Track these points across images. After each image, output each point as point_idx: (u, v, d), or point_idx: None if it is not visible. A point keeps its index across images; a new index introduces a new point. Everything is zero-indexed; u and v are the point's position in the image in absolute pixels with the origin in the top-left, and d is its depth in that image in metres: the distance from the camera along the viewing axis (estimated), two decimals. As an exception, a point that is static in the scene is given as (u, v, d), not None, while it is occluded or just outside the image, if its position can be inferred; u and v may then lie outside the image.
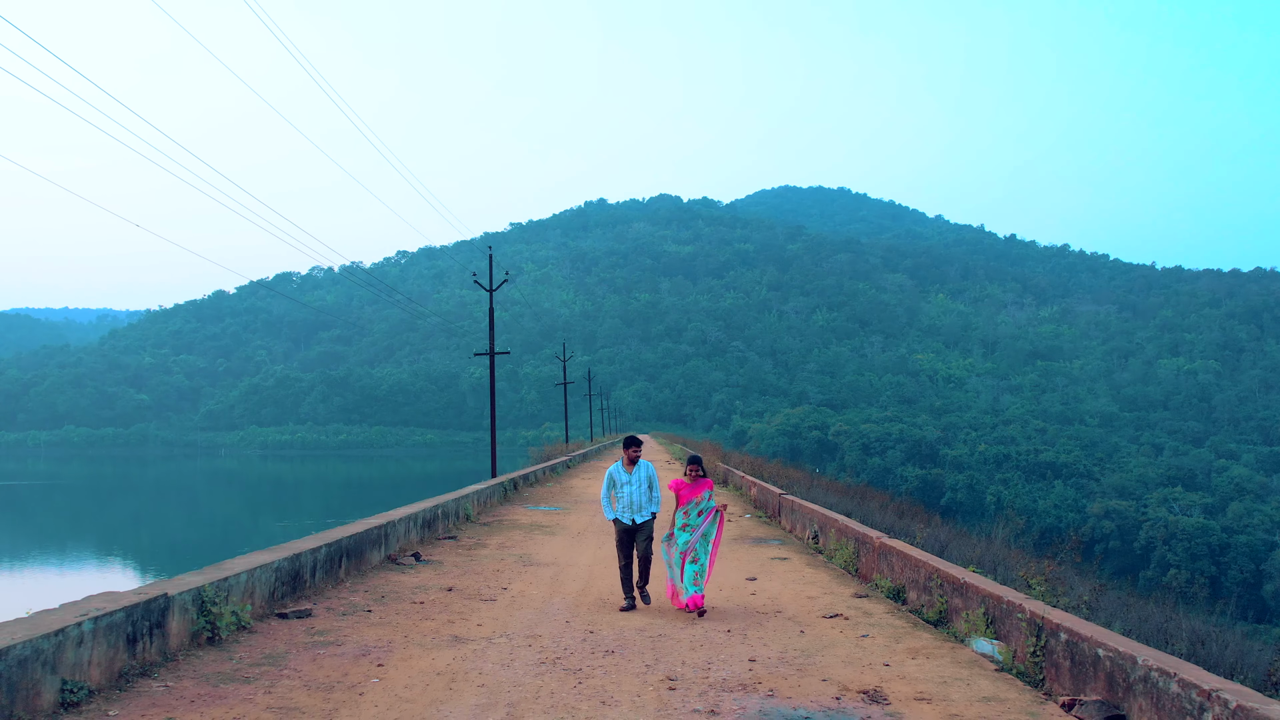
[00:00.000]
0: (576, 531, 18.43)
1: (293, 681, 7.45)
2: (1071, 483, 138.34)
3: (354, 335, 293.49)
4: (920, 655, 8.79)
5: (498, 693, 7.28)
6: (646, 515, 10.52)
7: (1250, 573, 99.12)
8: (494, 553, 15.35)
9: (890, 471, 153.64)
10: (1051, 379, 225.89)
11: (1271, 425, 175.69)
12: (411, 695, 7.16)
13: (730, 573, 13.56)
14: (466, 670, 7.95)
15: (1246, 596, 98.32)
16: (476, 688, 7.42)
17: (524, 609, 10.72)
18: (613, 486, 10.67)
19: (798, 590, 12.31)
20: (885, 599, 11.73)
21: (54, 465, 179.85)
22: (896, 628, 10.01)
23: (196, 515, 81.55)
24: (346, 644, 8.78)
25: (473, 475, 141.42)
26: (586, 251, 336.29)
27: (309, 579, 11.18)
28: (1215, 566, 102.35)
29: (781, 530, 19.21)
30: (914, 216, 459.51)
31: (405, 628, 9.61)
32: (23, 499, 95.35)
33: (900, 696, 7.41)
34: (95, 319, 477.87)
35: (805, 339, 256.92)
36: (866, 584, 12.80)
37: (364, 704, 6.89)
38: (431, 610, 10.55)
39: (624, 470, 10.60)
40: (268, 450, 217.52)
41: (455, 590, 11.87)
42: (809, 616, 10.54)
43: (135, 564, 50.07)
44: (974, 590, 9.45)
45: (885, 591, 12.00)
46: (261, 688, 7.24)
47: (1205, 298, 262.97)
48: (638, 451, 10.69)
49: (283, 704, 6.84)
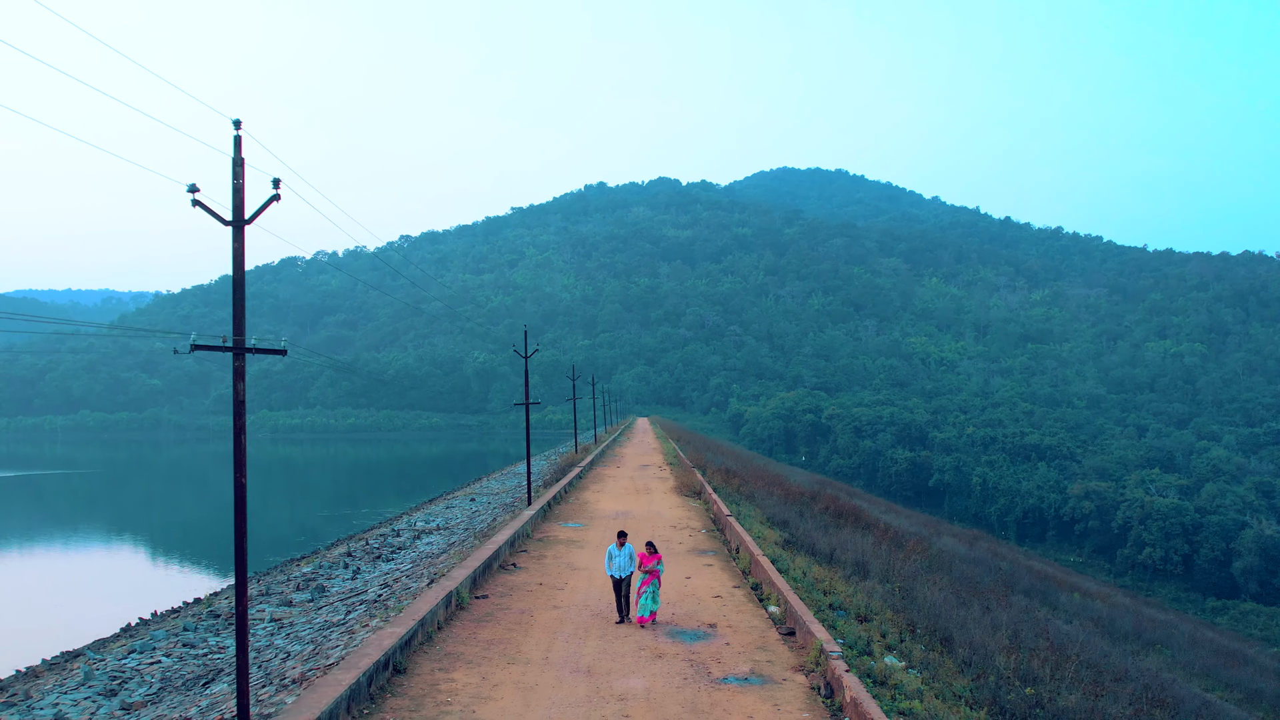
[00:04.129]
0: (596, 545, 25.18)
1: (508, 616, 15.95)
2: (1055, 464, 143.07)
3: (359, 320, 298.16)
4: (744, 613, 17.26)
5: (577, 622, 15.57)
6: (627, 573, 17.13)
7: (1221, 551, 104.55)
8: (551, 562, 22.56)
9: (881, 454, 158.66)
10: (1042, 362, 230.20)
11: (1253, 407, 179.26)
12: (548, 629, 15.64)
13: (677, 573, 21.36)
14: (563, 615, 16.76)
15: (1217, 574, 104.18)
16: (572, 623, 15.96)
17: (577, 592, 19.27)
18: (610, 557, 17.26)
19: (708, 584, 20.38)
20: (749, 589, 19.83)
21: (72, 450, 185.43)
22: (740, 601, 18.44)
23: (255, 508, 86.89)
24: (513, 608, 17.39)
25: (477, 458, 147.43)
26: (586, 236, 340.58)
27: (480, 579, 19.06)
28: (1188, 545, 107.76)
29: (721, 542, 25.81)
30: (911, 198, 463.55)
31: (532, 600, 18.23)
32: (82, 488, 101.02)
33: (723, 625, 16.24)
34: (100, 301, 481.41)
35: (801, 323, 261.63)
36: (747, 580, 20.67)
37: (533, 627, 15.20)
38: (538, 593, 19.10)
39: (616, 547, 17.28)
40: (278, 434, 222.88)
41: (543, 585, 19.89)
42: (706, 595, 19.12)
43: (218, 547, 55.98)
44: (775, 587, 17.50)
45: (750, 585, 20.12)
46: (508, 617, 15.35)
47: (1193, 281, 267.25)
48: (624, 540, 17.59)
49: (515, 622, 15.07)
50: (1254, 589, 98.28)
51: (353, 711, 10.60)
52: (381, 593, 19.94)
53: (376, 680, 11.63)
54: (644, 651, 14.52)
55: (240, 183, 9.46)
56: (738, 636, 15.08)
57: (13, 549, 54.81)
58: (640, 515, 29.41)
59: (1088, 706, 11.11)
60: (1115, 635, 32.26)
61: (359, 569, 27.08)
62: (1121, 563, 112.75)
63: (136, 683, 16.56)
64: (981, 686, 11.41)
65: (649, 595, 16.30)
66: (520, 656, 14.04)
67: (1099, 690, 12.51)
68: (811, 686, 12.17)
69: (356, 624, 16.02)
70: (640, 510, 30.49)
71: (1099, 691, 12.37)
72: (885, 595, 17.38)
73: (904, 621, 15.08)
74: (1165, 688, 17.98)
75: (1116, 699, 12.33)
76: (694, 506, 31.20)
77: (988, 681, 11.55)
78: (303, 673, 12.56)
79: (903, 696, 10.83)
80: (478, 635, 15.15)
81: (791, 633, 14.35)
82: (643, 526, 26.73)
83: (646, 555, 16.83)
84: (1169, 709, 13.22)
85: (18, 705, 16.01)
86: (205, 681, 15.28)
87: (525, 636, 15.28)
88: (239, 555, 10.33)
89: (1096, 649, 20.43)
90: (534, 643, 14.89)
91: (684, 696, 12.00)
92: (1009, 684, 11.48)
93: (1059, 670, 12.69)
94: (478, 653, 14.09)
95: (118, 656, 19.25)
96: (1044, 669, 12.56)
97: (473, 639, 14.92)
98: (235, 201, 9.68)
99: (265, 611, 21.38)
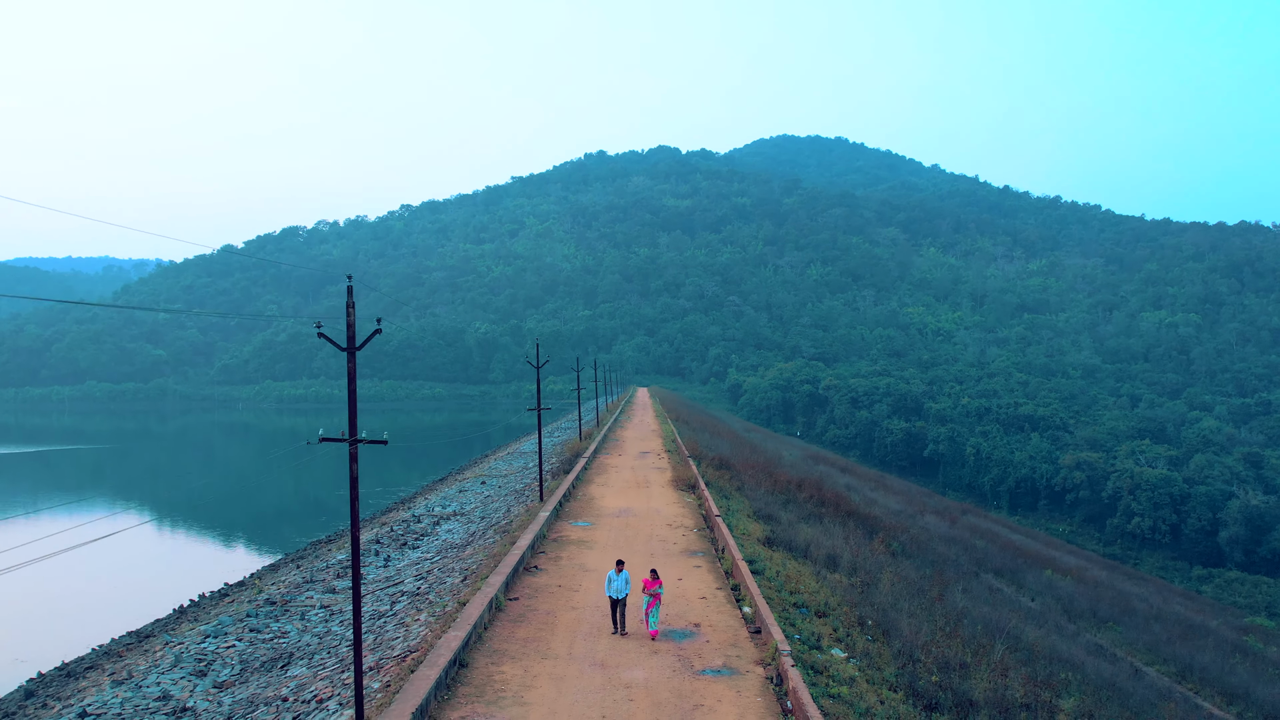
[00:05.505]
0: (603, 545, 28.06)
1: (537, 617, 19.46)
2: (1048, 435, 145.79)
3: (360, 290, 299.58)
4: (723, 614, 20.07)
5: (591, 623, 19.03)
6: (624, 595, 19.30)
7: (1207, 521, 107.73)
8: (566, 564, 25.61)
9: (877, 424, 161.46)
10: (1037, 332, 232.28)
11: (1245, 377, 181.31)
12: (570, 628, 18.70)
13: (671, 575, 24.21)
14: (580, 616, 19.58)
15: (1203, 543, 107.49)
16: (587, 623, 18.96)
17: (590, 594, 22.15)
18: (609, 581, 19.54)
19: (696, 586, 23.15)
20: (730, 590, 22.64)
21: (80, 420, 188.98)
22: (721, 603, 21.33)
23: (286, 487, 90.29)
24: (539, 609, 20.23)
25: (478, 428, 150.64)
26: (587, 206, 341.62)
27: (511, 583, 22.43)
28: (1176, 515, 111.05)
29: (709, 542, 28.47)
30: (910, 166, 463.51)
31: (554, 601, 21.14)
32: (98, 463, 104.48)
33: (705, 625, 19.33)
34: (102, 269, 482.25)
35: (799, 293, 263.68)
36: (728, 581, 23.42)
37: (558, 628, 18.44)
38: (558, 595, 22.06)
39: (614, 573, 19.54)
40: (283, 404, 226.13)
41: (561, 587, 22.94)
42: (694, 597, 21.97)
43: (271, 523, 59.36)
44: (749, 590, 20.10)
45: (730, 586, 22.95)
46: (537, 618, 19.31)
47: (1190, 251, 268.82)
48: (622, 566, 19.99)
49: (543, 623, 19.06)
50: (1239, 558, 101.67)
51: (438, 696, 14.25)
52: (419, 585, 23.03)
53: (450, 673, 15.15)
54: (643, 649, 17.89)
55: (351, 319, 12.67)
56: (716, 635, 18.46)
57: (52, 525, 58.12)
58: (640, 513, 32.39)
59: (985, 688, 14.24)
60: (1072, 613, 35.46)
61: (389, 557, 30.22)
62: (1111, 532, 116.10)
63: (220, 664, 19.64)
64: (904, 673, 14.53)
65: (655, 614, 19.09)
66: (550, 653, 17.32)
67: (1004, 673, 15.64)
68: (767, 676, 15.62)
69: (407, 617, 19.13)
70: (640, 507, 33.47)
71: (1004, 674, 15.50)
72: (846, 590, 20.45)
73: (855, 616, 18.21)
74: (1081, 671, 21.08)
75: (1012, 683, 15.35)
76: (688, 502, 34.30)
77: (910, 669, 14.66)
78: (377, 661, 15.67)
79: (834, 683, 14.07)
80: (515, 634, 18.37)
81: (759, 631, 17.47)
82: (642, 524, 29.82)
83: (650, 580, 19.54)
84: (1057, 689, 16.22)
85: (125, 683, 19.09)
86: (283, 664, 18.37)
87: (552, 635, 18.47)
88: (355, 602, 13.36)
89: (1029, 634, 23.53)
90: (560, 640, 18.12)
91: (672, 684, 15.43)
92: (927, 671, 14.62)
93: (979, 656, 15.72)
94: (518, 649, 17.39)
95: (195, 640, 22.27)
96: (965, 654, 15.64)
97: (512, 638, 18.14)
98: (349, 334, 13.02)
99: (314, 599, 24.45)
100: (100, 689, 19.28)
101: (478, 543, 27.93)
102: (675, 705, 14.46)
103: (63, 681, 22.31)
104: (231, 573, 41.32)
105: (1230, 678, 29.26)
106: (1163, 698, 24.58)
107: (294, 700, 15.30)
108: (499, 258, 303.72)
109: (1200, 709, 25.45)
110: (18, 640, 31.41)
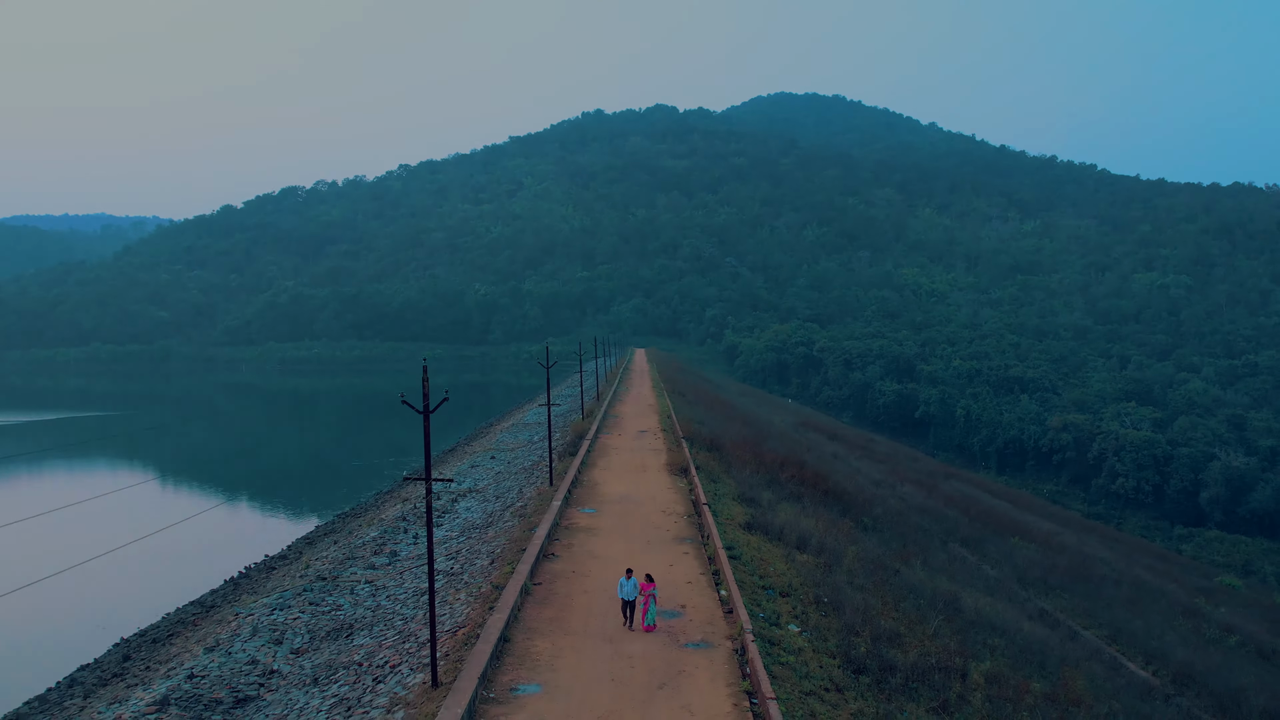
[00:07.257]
0: (608, 531, 31.41)
1: (558, 599, 23.54)
2: (1036, 397, 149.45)
3: (361, 250, 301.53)
4: (705, 596, 24.02)
5: (602, 604, 22.94)
6: (633, 597, 22.10)
7: (1189, 481, 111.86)
8: (578, 550, 28.85)
9: (870, 386, 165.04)
10: (1030, 293, 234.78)
11: (1234, 339, 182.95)
12: (584, 609, 22.71)
13: (663, 562, 27.38)
14: (592, 599, 23.49)
15: (1185, 503, 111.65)
16: (599, 605, 23.00)
17: (599, 579, 25.45)
18: (620, 586, 22.32)
19: (684, 572, 26.45)
20: (711, 575, 25.86)
21: (88, 382, 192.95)
22: (704, 587, 24.67)
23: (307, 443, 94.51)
24: (559, 593, 24.34)
25: (479, 389, 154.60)
26: (584, 166, 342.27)
27: (534, 568, 25.17)
28: (1159, 476, 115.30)
29: (697, 528, 31.67)
30: (908, 124, 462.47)
31: (570, 585, 24.65)
32: (127, 429, 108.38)
33: (690, 606, 23.44)
34: (100, 228, 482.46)
35: (795, 254, 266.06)
36: (710, 567, 26.70)
37: (574, 609, 22.54)
38: (573, 580, 25.34)
39: (625, 579, 22.31)
40: (286, 365, 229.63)
41: (575, 572, 26.20)
42: (681, 581, 25.31)
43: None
44: (725, 575, 23.58)
45: (712, 570, 26.15)
46: (558, 600, 23.60)
47: (1183, 213, 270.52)
48: (631, 574, 22.77)
49: (563, 605, 23.09)
50: (1219, 518, 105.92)
51: (493, 664, 18.49)
52: (451, 564, 26.97)
53: (498, 647, 19.37)
54: (641, 627, 21.95)
55: (425, 389, 16.59)
56: (698, 614, 22.36)
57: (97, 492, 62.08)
58: (639, 498, 36.19)
59: (910, 656, 18.25)
60: (1025, 581, 39.60)
61: (417, 535, 34.19)
62: (1096, 492, 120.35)
63: (291, 634, 23.51)
64: (843, 644, 18.52)
65: (651, 611, 22.59)
66: (571, 630, 21.28)
67: (929, 640, 19.63)
68: (734, 649, 19.72)
69: (448, 596, 23.10)
70: (639, 493, 37.23)
71: (929, 641, 19.50)
72: (811, 570, 24.43)
73: (812, 596, 22.17)
74: (1011, 637, 25.12)
75: (932, 650, 19.28)
76: (680, 487, 38.19)
77: (849, 640, 18.64)
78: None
79: (785, 653, 18.23)
80: (542, 614, 22.31)
81: (731, 611, 21.46)
82: (640, 510, 33.78)
83: (646, 583, 22.95)
84: (974, 654, 20.10)
85: (215, 650, 23.01)
86: (346, 634, 22.29)
87: (571, 615, 22.30)
88: (431, 628, 17.32)
89: (973, 602, 27.56)
90: (577, 620, 21.99)
91: (663, 656, 19.63)
92: (863, 641, 18.61)
93: (913, 627, 19.66)
94: (545, 627, 21.35)
95: (264, 612, 26.12)
96: (899, 626, 19.62)
97: (539, 617, 22.03)
98: (424, 401, 16.86)
99: (358, 575, 28.36)
100: (194, 655, 23.18)
101: (497, 525, 31.84)
102: (664, 670, 18.52)
103: (151, 647, 26.23)
104: (269, 544, 45.15)
105: (1153, 641, 33.38)
106: (1090, 659, 28.65)
107: (369, 665, 19.23)
108: (498, 218, 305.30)
109: (1123, 668, 29.54)
110: (94, 606, 35.50)
